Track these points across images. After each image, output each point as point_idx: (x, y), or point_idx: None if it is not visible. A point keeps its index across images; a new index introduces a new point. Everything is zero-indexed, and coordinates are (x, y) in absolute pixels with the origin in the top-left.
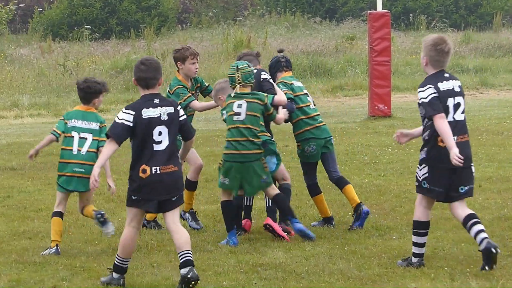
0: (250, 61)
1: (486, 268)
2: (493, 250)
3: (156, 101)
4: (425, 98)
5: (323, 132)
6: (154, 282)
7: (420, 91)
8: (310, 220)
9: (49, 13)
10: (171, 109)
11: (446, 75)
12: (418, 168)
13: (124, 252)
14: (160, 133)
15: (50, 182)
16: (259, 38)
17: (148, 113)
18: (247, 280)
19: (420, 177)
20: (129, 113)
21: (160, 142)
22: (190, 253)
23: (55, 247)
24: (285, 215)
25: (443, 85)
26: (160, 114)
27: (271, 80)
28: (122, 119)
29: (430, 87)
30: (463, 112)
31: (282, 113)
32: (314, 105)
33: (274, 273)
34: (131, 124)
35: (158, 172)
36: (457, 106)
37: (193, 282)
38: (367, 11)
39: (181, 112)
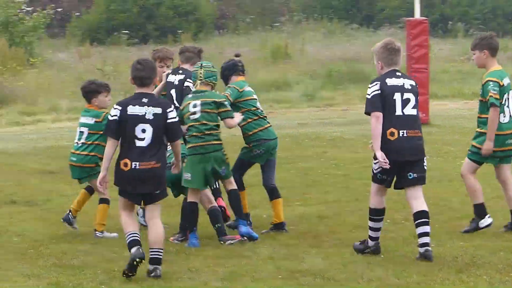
0: (191, 58)
1: None
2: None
3: (145, 100)
4: (369, 94)
5: (272, 134)
6: (192, 286)
7: (368, 88)
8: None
9: (87, 18)
10: (158, 110)
11: (398, 73)
12: (373, 161)
13: (128, 228)
14: (143, 131)
15: None
16: (296, 44)
17: (133, 110)
18: (285, 286)
19: (374, 170)
20: (117, 109)
21: (142, 139)
22: (160, 252)
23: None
24: (236, 212)
25: (391, 81)
26: (146, 112)
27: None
28: (113, 115)
29: (376, 84)
30: (414, 108)
31: (237, 117)
32: (262, 110)
33: (313, 280)
34: (117, 119)
35: (137, 167)
36: (406, 101)
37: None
38: (405, 18)
39: (171, 114)
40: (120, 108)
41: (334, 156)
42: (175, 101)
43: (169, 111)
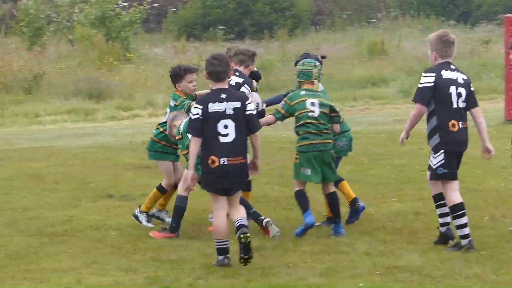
0: (244, 61)
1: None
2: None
3: (223, 96)
4: (421, 84)
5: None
6: (289, 282)
7: (422, 76)
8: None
9: (183, 13)
10: (237, 104)
11: (452, 66)
12: (433, 155)
13: (218, 234)
14: (226, 126)
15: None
16: (392, 41)
17: (214, 107)
18: (382, 282)
19: (433, 166)
20: (198, 108)
21: (226, 135)
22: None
23: None
24: (335, 216)
25: (446, 74)
26: (226, 108)
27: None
28: (194, 114)
29: (431, 76)
30: (464, 102)
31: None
32: None
33: (410, 276)
34: (201, 117)
35: (226, 163)
36: (459, 95)
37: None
38: (502, 15)
39: (250, 106)
40: (201, 106)
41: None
42: None
43: (248, 103)
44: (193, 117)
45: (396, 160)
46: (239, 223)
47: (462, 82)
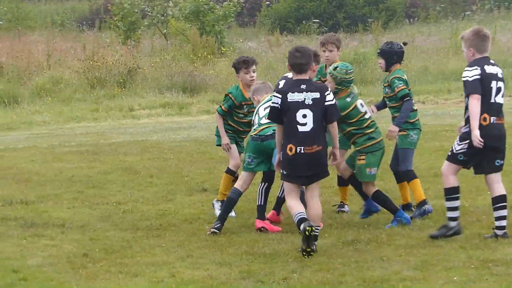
0: None
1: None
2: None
3: (303, 86)
4: (470, 77)
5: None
6: (384, 276)
7: (466, 70)
8: None
9: (277, 7)
10: (316, 95)
11: (492, 61)
12: (457, 142)
13: (292, 211)
14: (304, 116)
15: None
16: None
17: (293, 97)
18: (477, 275)
19: (456, 150)
20: (277, 97)
21: (304, 124)
22: (318, 228)
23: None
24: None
25: (489, 68)
26: (305, 98)
27: None
28: (274, 102)
29: (476, 69)
30: (502, 97)
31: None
32: None
33: (506, 269)
34: (278, 106)
35: (303, 151)
36: (498, 90)
37: (311, 254)
38: None
39: (329, 97)
40: (280, 96)
41: None
42: None
43: (327, 94)
44: (272, 105)
45: None
46: (301, 216)
47: (501, 76)
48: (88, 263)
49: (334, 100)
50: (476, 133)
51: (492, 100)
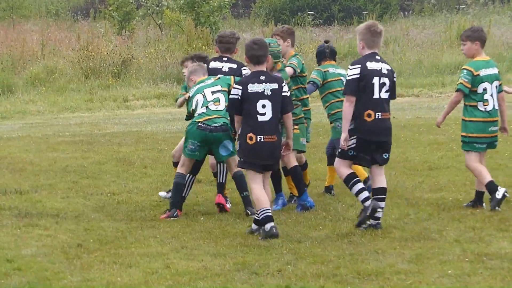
0: (231, 49)
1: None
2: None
3: (262, 77)
4: (349, 76)
5: None
6: (378, 269)
7: (349, 68)
8: None
9: None
10: (275, 85)
11: (378, 57)
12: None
13: (260, 204)
14: (263, 106)
15: None
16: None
17: (253, 87)
18: (472, 269)
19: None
20: (237, 88)
21: (264, 114)
22: (269, 210)
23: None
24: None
25: (372, 65)
26: (264, 89)
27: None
28: (233, 94)
29: (357, 68)
30: (387, 91)
31: None
32: None
33: (500, 263)
34: (239, 97)
35: (262, 140)
36: (382, 85)
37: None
38: None
39: (285, 88)
40: (240, 87)
41: None
42: None
43: (283, 85)
44: (232, 97)
45: None
46: (266, 214)
47: (386, 72)
48: (83, 253)
49: (289, 92)
50: (343, 136)
51: (376, 96)
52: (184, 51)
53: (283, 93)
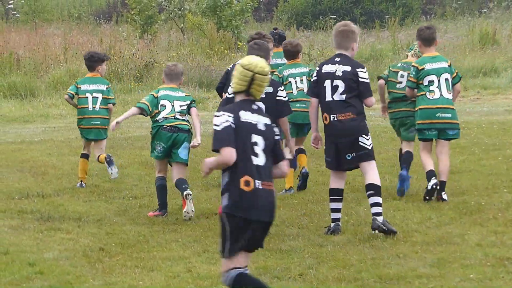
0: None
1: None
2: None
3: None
4: (312, 79)
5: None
6: (400, 273)
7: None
8: None
9: (294, 2)
10: (269, 89)
11: (337, 59)
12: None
13: None
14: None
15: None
16: (504, 31)
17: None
18: (494, 273)
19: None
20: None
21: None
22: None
23: (80, 182)
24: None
25: (326, 68)
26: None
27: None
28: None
29: (315, 70)
30: (342, 94)
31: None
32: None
33: None
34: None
35: None
36: (335, 88)
37: None
38: None
39: (281, 93)
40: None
41: None
42: None
43: (279, 89)
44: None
45: (508, 150)
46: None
47: (340, 74)
48: (105, 257)
49: (287, 97)
50: (312, 136)
51: (329, 99)
52: (206, 55)
53: (278, 97)
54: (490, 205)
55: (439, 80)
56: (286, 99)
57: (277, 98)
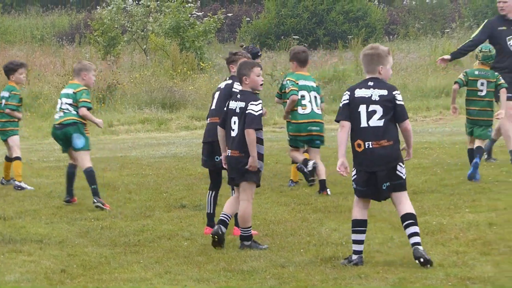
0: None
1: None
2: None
3: (239, 96)
4: (341, 102)
5: None
6: None
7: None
8: None
9: (257, 23)
10: (242, 104)
11: (370, 83)
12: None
13: (245, 223)
14: (234, 123)
15: (258, 192)
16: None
17: (231, 105)
18: None
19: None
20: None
21: (233, 130)
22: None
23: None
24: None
25: (359, 92)
26: (236, 107)
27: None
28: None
29: (346, 94)
30: (380, 119)
31: None
32: None
33: (483, 287)
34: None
35: (230, 154)
36: (371, 113)
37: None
38: None
39: (251, 107)
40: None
41: (504, 163)
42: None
43: (251, 104)
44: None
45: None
46: (221, 217)
47: (377, 99)
48: (66, 279)
49: (259, 111)
50: (339, 162)
51: (364, 125)
52: (169, 76)
53: (247, 111)
54: (452, 225)
55: (309, 96)
56: (256, 114)
57: (246, 111)
